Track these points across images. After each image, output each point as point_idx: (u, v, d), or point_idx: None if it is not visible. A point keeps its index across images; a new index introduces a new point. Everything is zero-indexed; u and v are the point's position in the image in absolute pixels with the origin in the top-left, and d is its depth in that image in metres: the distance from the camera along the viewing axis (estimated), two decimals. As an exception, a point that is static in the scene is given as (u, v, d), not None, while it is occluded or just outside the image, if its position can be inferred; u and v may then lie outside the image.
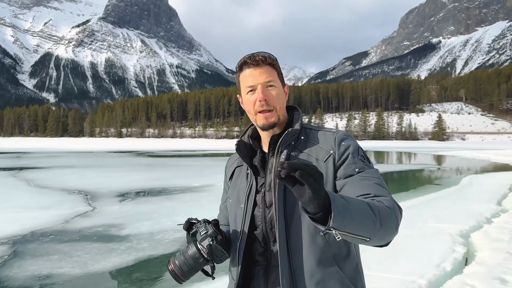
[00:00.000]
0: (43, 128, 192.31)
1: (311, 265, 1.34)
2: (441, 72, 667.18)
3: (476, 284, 4.62)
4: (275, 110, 1.45)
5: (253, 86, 1.45)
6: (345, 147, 1.43)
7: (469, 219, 8.43)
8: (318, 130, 1.52)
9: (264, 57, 1.45)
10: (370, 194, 1.31)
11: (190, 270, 1.40)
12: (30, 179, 17.96)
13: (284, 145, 1.45)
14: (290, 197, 1.38)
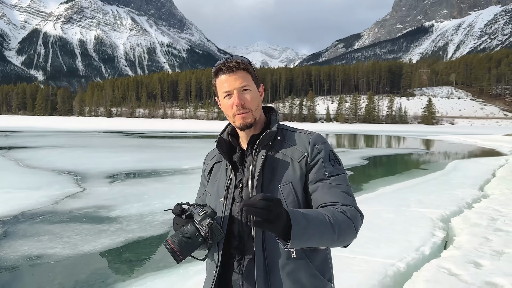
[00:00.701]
0: (32, 107, 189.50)
1: (283, 257, 1.45)
2: (433, 56, 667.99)
3: (452, 267, 4.84)
4: (251, 111, 1.53)
5: (229, 91, 1.53)
6: (317, 150, 1.53)
7: (451, 204, 8.69)
8: (294, 131, 1.62)
9: (238, 63, 1.52)
10: (338, 203, 1.45)
11: (189, 249, 1.45)
12: (20, 159, 17.90)
13: (261, 145, 1.54)
14: (267, 193, 1.42)
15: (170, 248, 1.44)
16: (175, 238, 1.45)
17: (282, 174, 1.50)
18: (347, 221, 1.39)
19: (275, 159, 1.53)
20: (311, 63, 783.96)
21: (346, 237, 1.39)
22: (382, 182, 13.18)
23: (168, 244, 1.45)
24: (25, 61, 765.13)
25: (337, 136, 54.43)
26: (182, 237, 1.46)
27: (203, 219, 1.48)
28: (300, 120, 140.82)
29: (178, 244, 1.44)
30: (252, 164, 1.53)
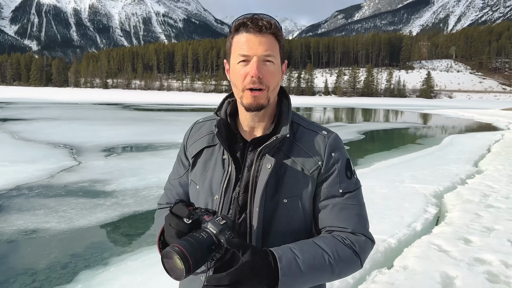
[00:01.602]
0: (27, 77, 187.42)
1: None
2: (433, 28, 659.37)
3: (442, 244, 4.92)
4: (266, 90, 1.22)
5: (248, 56, 1.20)
6: (334, 160, 1.28)
7: (445, 180, 8.76)
8: (307, 127, 1.33)
9: (269, 23, 1.20)
10: (347, 229, 1.25)
11: (200, 263, 1.09)
12: (15, 132, 17.81)
13: (268, 148, 1.25)
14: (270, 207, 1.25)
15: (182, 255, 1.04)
16: (188, 245, 1.07)
17: (290, 185, 1.24)
18: (352, 258, 1.21)
19: (283, 165, 1.25)
20: (310, 34, 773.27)
21: (346, 273, 1.22)
22: (377, 157, 13.23)
23: (179, 250, 1.05)
24: (19, 30, 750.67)
25: (334, 110, 54.33)
26: (197, 245, 1.08)
27: (223, 231, 1.13)
28: (298, 93, 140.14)
29: (192, 254, 1.06)
30: (254, 169, 1.26)
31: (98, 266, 4.80)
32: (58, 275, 4.66)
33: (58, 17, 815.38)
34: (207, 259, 1.12)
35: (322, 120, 35.17)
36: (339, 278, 1.22)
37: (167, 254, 1.07)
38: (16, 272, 4.75)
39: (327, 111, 50.56)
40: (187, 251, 1.05)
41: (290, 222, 1.25)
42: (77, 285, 4.33)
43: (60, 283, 4.45)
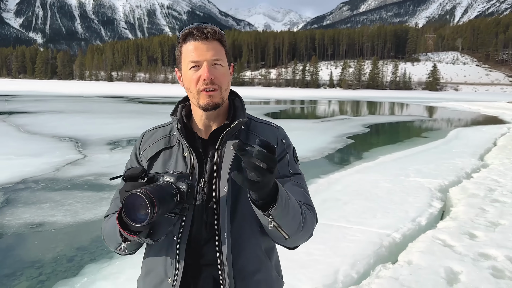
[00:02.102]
0: (32, 70, 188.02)
1: (249, 260, 1.34)
2: (440, 20, 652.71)
3: (447, 239, 4.91)
4: (220, 90, 1.32)
5: (198, 62, 1.30)
6: (284, 145, 1.44)
7: (450, 174, 8.72)
8: (258, 121, 1.48)
9: (214, 30, 1.31)
10: (301, 202, 1.35)
11: (165, 207, 1.11)
12: (20, 125, 17.91)
13: (229, 135, 1.36)
14: (234, 190, 1.32)
15: (146, 195, 1.05)
16: (147, 187, 1.09)
17: None
18: (311, 219, 1.34)
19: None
20: (315, 26, 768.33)
21: (306, 232, 1.32)
22: (382, 150, 13.18)
23: (142, 191, 1.06)
24: (24, 23, 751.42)
25: (339, 102, 54.11)
26: (158, 188, 1.11)
27: (180, 178, 1.19)
28: (302, 86, 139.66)
29: (155, 195, 1.07)
30: (218, 156, 1.34)
31: (104, 260, 4.83)
32: (64, 268, 4.70)
33: (62, 9, 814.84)
34: (170, 206, 1.13)
35: (327, 113, 35.06)
36: (302, 233, 1.30)
37: (131, 197, 1.06)
38: (23, 265, 4.79)
39: (332, 104, 50.38)
40: (152, 193, 1.06)
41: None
42: (83, 278, 4.36)
43: (66, 276, 4.49)
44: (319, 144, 13.93)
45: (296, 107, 42.63)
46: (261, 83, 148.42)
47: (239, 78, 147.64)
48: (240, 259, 1.31)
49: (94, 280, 4.26)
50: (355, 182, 8.07)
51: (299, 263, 4.20)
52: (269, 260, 1.40)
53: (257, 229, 1.34)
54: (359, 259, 4.31)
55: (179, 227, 1.31)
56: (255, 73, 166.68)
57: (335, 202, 6.62)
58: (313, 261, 4.28)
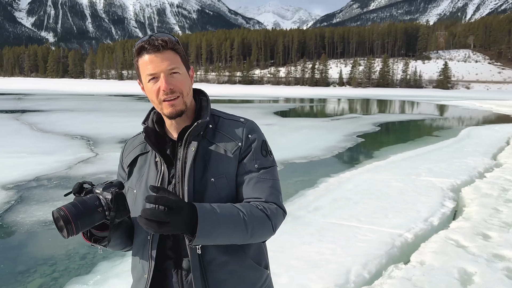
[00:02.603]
0: (44, 69, 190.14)
1: (219, 253, 1.37)
2: (451, 17, 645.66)
3: (460, 239, 4.86)
4: (181, 96, 1.37)
5: (155, 74, 1.34)
6: (251, 140, 1.44)
7: (462, 173, 8.63)
8: (226, 118, 1.50)
9: (165, 41, 1.33)
10: (261, 199, 1.39)
11: (86, 220, 1.20)
12: (33, 123, 18.13)
13: (192, 136, 1.40)
14: (200, 187, 1.37)
15: (63, 215, 1.16)
16: (69, 205, 1.20)
17: (215, 166, 1.39)
18: (264, 219, 1.35)
19: (208, 150, 1.41)
20: (324, 24, 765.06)
21: (260, 235, 1.36)
22: (393, 149, 13.09)
23: (61, 210, 1.17)
24: (35, 22, 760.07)
25: (349, 101, 53.84)
26: (78, 204, 1.20)
27: (107, 188, 1.27)
28: (312, 84, 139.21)
29: (72, 212, 1.17)
30: (182, 157, 1.39)
31: (116, 258, 4.87)
32: (77, 266, 4.76)
33: (74, 9, 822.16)
34: (95, 217, 1.23)
35: (337, 111, 34.91)
36: (254, 238, 1.34)
37: (54, 216, 1.19)
38: (36, 262, 4.86)
39: (341, 102, 50.15)
40: (69, 212, 1.17)
41: (220, 199, 1.37)
42: (95, 276, 4.40)
43: (79, 274, 4.54)
44: (328, 143, 13.87)
45: (305, 105, 42.51)
46: (270, 81, 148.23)
47: (248, 77, 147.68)
48: (209, 252, 1.36)
49: (106, 278, 4.30)
50: (366, 181, 8.02)
51: (310, 263, 4.19)
52: (243, 250, 1.43)
53: None
54: (371, 259, 4.29)
55: None
56: (264, 72, 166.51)
57: (345, 201, 6.60)
58: (324, 260, 4.27)
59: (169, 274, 1.41)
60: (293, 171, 9.65)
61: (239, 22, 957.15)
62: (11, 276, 4.51)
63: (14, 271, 4.63)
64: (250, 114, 25.45)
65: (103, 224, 1.31)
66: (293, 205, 6.48)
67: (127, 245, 1.52)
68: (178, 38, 1.45)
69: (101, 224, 1.31)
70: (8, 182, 7.89)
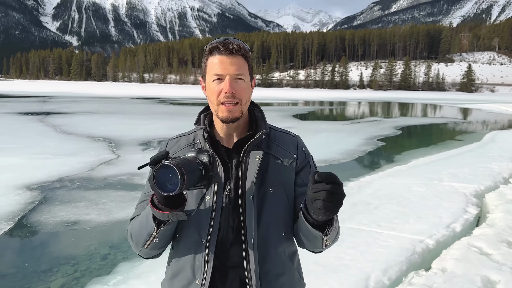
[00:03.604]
0: (67, 72, 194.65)
1: (274, 263, 1.40)
2: (475, 19, 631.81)
3: (483, 246, 4.74)
4: (240, 104, 1.38)
5: (221, 75, 1.36)
6: (305, 153, 1.51)
7: (486, 178, 8.43)
8: (277, 130, 1.53)
9: (239, 46, 1.37)
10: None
11: (192, 177, 1.18)
12: (57, 125, 18.56)
13: (252, 145, 1.42)
14: (259, 197, 1.39)
15: (177, 165, 1.11)
16: (178, 160, 1.16)
17: (273, 176, 1.41)
18: (339, 231, 1.41)
19: (265, 160, 1.42)
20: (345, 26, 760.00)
21: (332, 243, 1.39)
22: (415, 153, 12.88)
23: (173, 162, 1.13)
24: (60, 26, 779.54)
25: (370, 104, 53.26)
26: (185, 160, 1.19)
27: (200, 152, 1.28)
28: (331, 87, 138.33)
29: (183, 165, 1.14)
30: (242, 165, 1.40)
31: (136, 259, 4.93)
32: (98, 266, 4.84)
33: (97, 13, 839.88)
34: (197, 176, 1.20)
35: (357, 114, 34.57)
36: (332, 244, 1.38)
37: (161, 169, 1.13)
38: (59, 262, 4.96)
39: (362, 105, 49.64)
40: (182, 165, 1.13)
41: (277, 208, 1.40)
42: (115, 276, 4.47)
43: (100, 274, 4.61)
44: (348, 146, 13.75)
45: (325, 108, 42.26)
46: (289, 84, 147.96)
47: (267, 79, 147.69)
48: (266, 263, 1.38)
49: (127, 279, 4.35)
50: (387, 186, 7.92)
51: (329, 268, 4.16)
52: (292, 263, 1.47)
53: (282, 235, 1.43)
54: (391, 265, 4.23)
55: (207, 230, 1.37)
56: (284, 74, 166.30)
57: (366, 206, 6.52)
58: (344, 266, 4.23)
59: (222, 281, 1.38)
60: (312, 175, 9.60)
61: (259, 25, 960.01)
62: (35, 275, 4.62)
63: (37, 270, 4.75)
64: (269, 117, 25.17)
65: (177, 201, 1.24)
66: (312, 209, 6.43)
67: (165, 246, 1.44)
68: (199, 42, 1.44)
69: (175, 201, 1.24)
70: (33, 182, 8.10)
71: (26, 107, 31.73)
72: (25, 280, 4.51)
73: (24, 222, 6.09)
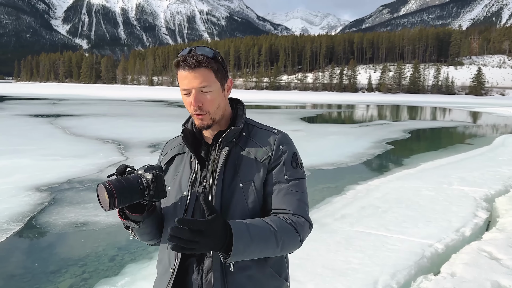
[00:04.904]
0: (77, 74, 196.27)
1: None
2: (485, 22, 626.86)
3: (493, 251, 4.69)
4: (208, 114, 1.45)
5: (188, 89, 1.44)
6: (282, 151, 1.49)
7: (496, 182, 8.34)
8: (260, 127, 1.56)
9: (198, 61, 1.40)
10: (289, 211, 1.43)
11: (127, 195, 1.29)
12: (66, 127, 18.72)
13: (225, 141, 1.48)
14: (228, 192, 1.43)
15: (108, 188, 1.26)
16: (114, 180, 1.30)
17: (245, 172, 1.45)
18: (293, 233, 1.40)
19: (239, 156, 1.48)
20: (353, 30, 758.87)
21: (289, 248, 1.41)
22: (424, 157, 12.78)
23: (107, 184, 1.27)
24: (70, 30, 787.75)
25: (378, 107, 53.00)
26: (122, 180, 1.31)
27: (148, 169, 1.37)
28: (340, 90, 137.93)
29: (116, 186, 1.27)
30: (215, 160, 1.47)
31: (144, 260, 4.95)
32: (106, 267, 4.86)
33: (107, 16, 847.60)
34: (135, 193, 1.31)
35: (365, 117, 34.41)
36: (283, 251, 1.39)
37: (98, 188, 1.30)
38: (67, 263, 5.00)
39: (370, 108, 49.42)
40: (114, 186, 1.27)
41: (246, 204, 1.44)
42: (123, 278, 4.49)
43: (108, 275, 4.63)
44: (357, 149, 13.69)
45: (333, 111, 42.14)
46: (297, 87, 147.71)
47: (275, 82, 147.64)
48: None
49: (134, 280, 4.37)
50: (395, 189, 7.87)
51: (337, 271, 4.14)
52: (264, 259, 1.45)
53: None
54: (400, 269, 4.19)
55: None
56: (292, 77, 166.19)
57: (374, 209, 6.48)
58: (351, 269, 4.20)
59: (190, 271, 1.46)
60: (320, 178, 9.57)
61: (267, 28, 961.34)
62: (44, 275, 4.65)
63: (46, 270, 4.78)
64: (276, 120, 25.46)
65: (138, 207, 1.40)
66: (319, 212, 6.42)
67: (155, 238, 1.58)
68: (207, 45, 1.47)
69: (137, 207, 1.40)
70: (42, 184, 8.17)
71: (37, 109, 32.07)
72: (34, 280, 4.54)
73: (33, 223, 6.14)
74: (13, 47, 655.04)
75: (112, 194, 1.26)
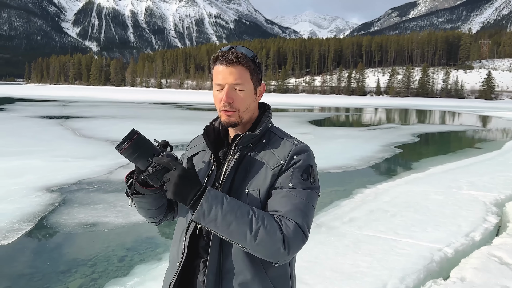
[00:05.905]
0: (87, 77, 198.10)
1: (239, 263, 1.39)
2: (495, 25, 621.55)
3: (503, 256, 4.65)
4: (237, 112, 1.45)
5: (222, 85, 1.44)
6: (294, 161, 1.42)
7: (507, 187, 8.27)
8: (281, 137, 1.51)
9: (237, 57, 1.41)
10: (279, 211, 1.35)
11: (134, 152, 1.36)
12: (76, 129, 18.90)
13: (240, 145, 1.46)
14: (234, 196, 1.39)
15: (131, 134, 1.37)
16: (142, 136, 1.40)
17: (253, 178, 1.42)
18: (275, 228, 1.30)
19: (252, 160, 1.45)
20: (362, 33, 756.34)
21: (265, 244, 1.28)
22: (433, 161, 12.71)
23: (136, 132, 1.38)
24: (80, 32, 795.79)
25: (387, 110, 52.77)
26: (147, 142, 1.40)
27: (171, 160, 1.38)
28: (348, 93, 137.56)
29: (137, 140, 1.37)
30: (228, 162, 1.46)
31: (153, 261, 4.99)
32: (115, 268, 4.90)
33: (116, 19, 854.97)
34: (140, 160, 1.36)
35: (374, 121, 34.28)
36: (258, 245, 1.28)
37: (131, 130, 1.39)
38: (77, 263, 5.04)
39: (378, 112, 49.22)
40: (136, 138, 1.36)
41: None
42: (132, 278, 4.52)
43: (117, 276, 4.67)
44: (365, 153, 13.64)
45: (341, 114, 42.04)
46: (305, 90, 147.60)
47: (283, 85, 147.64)
48: (228, 261, 1.41)
49: (144, 281, 4.40)
50: (404, 193, 7.83)
51: (345, 275, 4.13)
52: (264, 270, 1.41)
53: None
54: (409, 273, 4.18)
55: (189, 220, 1.47)
56: (300, 80, 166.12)
57: (382, 213, 6.46)
58: (360, 273, 4.19)
59: (197, 272, 1.47)
60: (328, 181, 9.55)
61: (275, 31, 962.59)
62: (54, 275, 4.70)
63: (56, 270, 4.83)
64: (284, 122, 25.45)
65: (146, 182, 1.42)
66: (327, 216, 6.41)
67: (152, 217, 1.63)
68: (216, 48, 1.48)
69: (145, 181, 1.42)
70: (53, 185, 8.26)
71: (47, 111, 32.42)
72: (44, 280, 4.60)
73: (44, 223, 6.21)
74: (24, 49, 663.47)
75: (127, 140, 1.35)
